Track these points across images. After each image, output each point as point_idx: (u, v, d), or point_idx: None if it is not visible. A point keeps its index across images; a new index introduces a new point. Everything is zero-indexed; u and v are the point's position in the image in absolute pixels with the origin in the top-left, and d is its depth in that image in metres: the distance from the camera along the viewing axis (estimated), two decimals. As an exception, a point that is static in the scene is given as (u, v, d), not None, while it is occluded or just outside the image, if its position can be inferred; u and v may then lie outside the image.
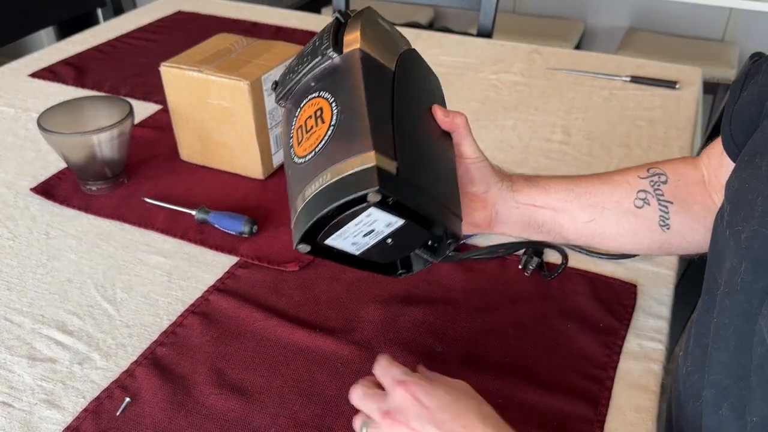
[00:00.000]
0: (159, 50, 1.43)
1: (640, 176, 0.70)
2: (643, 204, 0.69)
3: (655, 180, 0.70)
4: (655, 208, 0.69)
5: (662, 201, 0.69)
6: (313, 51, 0.62)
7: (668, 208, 0.69)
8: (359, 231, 0.57)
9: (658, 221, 0.69)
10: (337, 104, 0.58)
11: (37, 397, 0.67)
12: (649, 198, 0.69)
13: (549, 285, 0.80)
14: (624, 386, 0.68)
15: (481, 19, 1.58)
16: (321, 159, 0.56)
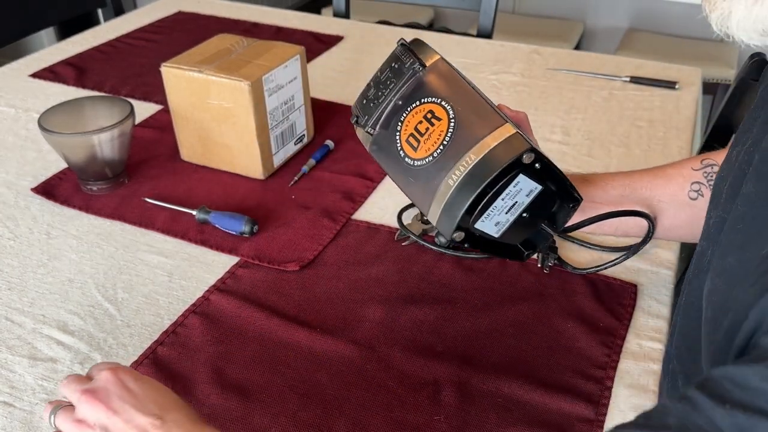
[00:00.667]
0: (159, 50, 1.43)
1: (694, 168, 0.72)
2: (697, 195, 0.71)
3: (708, 171, 0.71)
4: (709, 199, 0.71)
5: None
6: (396, 73, 0.67)
7: None
8: (504, 206, 0.61)
9: None
10: (446, 101, 0.62)
11: (38, 396, 0.68)
12: (703, 189, 0.71)
13: (549, 285, 0.80)
14: (624, 386, 0.69)
15: (481, 20, 1.59)
16: (453, 149, 0.60)
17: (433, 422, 0.64)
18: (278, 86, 0.97)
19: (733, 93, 1.10)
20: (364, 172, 1.02)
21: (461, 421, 0.65)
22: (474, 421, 0.65)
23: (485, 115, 0.61)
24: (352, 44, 1.46)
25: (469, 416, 0.65)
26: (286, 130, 1.02)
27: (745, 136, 0.56)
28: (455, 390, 0.67)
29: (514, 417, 0.65)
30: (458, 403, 0.66)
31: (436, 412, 0.65)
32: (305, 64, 1.02)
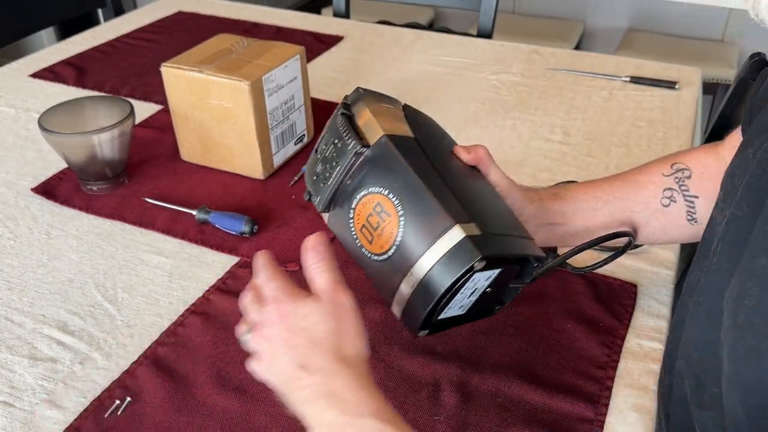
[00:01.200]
0: (159, 50, 1.43)
1: (664, 174, 0.72)
2: (669, 202, 0.71)
3: (680, 176, 0.71)
4: (682, 205, 0.71)
5: (688, 197, 0.71)
6: (339, 152, 0.64)
7: (694, 202, 0.71)
8: (464, 296, 0.60)
9: (686, 216, 0.71)
10: (393, 195, 0.60)
11: (38, 396, 0.68)
12: (675, 195, 0.71)
13: (549, 285, 0.80)
14: (624, 386, 0.69)
15: (481, 20, 1.59)
16: (405, 251, 0.58)
17: (433, 422, 0.64)
18: (278, 86, 0.97)
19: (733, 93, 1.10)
20: (364, 172, 1.02)
21: (461, 421, 0.65)
22: (474, 421, 0.65)
23: (432, 214, 0.58)
24: (352, 44, 1.46)
25: (469, 416, 0.65)
26: (286, 130, 1.02)
27: (763, 135, 0.55)
28: (455, 390, 0.67)
29: (514, 417, 0.65)
30: (458, 403, 0.66)
31: (436, 412, 0.65)
32: (305, 64, 1.02)
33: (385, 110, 0.67)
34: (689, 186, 0.71)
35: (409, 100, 1.23)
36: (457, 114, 1.19)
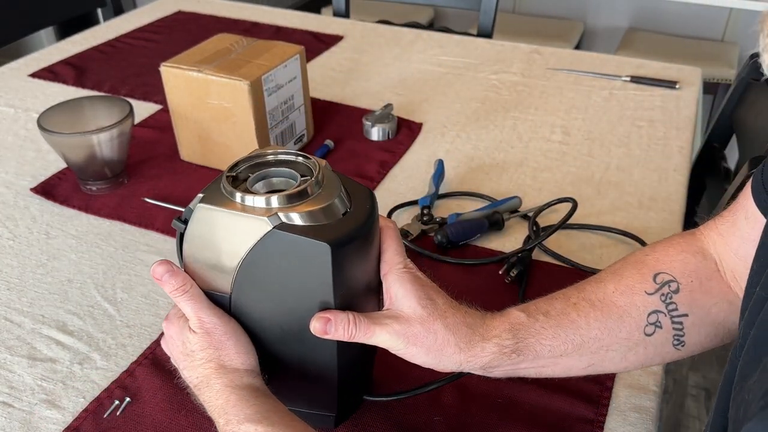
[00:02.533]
0: (159, 50, 1.43)
1: (648, 292, 0.58)
2: (654, 330, 0.58)
3: (666, 292, 0.57)
4: (669, 330, 0.58)
5: (676, 319, 0.57)
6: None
7: (683, 323, 0.58)
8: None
9: (672, 342, 0.58)
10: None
11: (37, 397, 0.67)
12: (662, 319, 0.57)
13: (549, 285, 0.80)
14: (624, 386, 0.68)
15: (481, 19, 1.58)
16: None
17: (433, 422, 0.64)
18: (278, 86, 0.97)
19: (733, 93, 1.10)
20: (364, 171, 1.02)
21: (461, 421, 0.65)
22: (473, 422, 0.64)
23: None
24: (352, 44, 1.46)
25: (468, 416, 0.65)
26: (286, 129, 1.02)
27: None
28: (455, 390, 0.67)
29: (513, 417, 0.65)
30: (458, 403, 0.66)
31: (436, 413, 0.65)
32: (305, 63, 1.02)
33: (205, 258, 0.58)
34: (677, 303, 0.57)
35: (409, 100, 1.23)
36: (457, 114, 1.19)
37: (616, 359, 0.59)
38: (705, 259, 0.59)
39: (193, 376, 0.56)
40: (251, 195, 0.54)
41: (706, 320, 0.58)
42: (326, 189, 0.56)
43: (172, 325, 0.59)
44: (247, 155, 0.59)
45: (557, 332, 0.57)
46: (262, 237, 0.53)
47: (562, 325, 0.57)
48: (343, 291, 0.54)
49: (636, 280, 0.58)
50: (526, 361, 0.58)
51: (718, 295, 0.58)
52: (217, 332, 0.56)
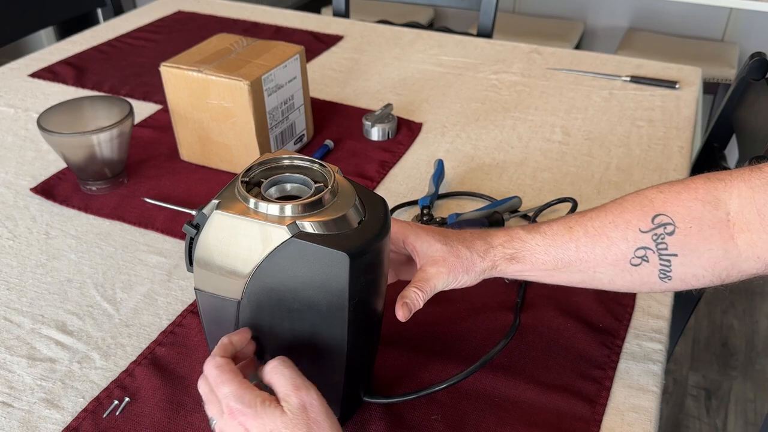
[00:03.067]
0: (159, 50, 1.43)
1: (642, 229, 0.61)
2: (641, 262, 0.62)
3: (660, 233, 0.61)
4: (656, 264, 0.61)
5: (664, 256, 0.61)
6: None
7: (671, 261, 0.61)
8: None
9: (659, 275, 0.62)
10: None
11: (36, 396, 0.67)
12: (649, 255, 0.61)
13: (549, 285, 0.80)
14: (623, 386, 0.68)
15: (481, 19, 1.58)
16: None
17: (431, 421, 0.64)
18: (278, 86, 0.97)
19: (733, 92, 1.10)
20: (364, 171, 1.02)
21: (459, 420, 0.65)
22: (471, 421, 0.64)
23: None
24: (352, 44, 1.46)
25: (466, 416, 0.65)
26: (286, 129, 1.02)
27: None
28: (452, 390, 0.67)
29: (510, 416, 0.65)
30: (455, 403, 0.66)
31: (434, 412, 0.65)
32: (305, 63, 1.02)
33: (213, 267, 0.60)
34: (669, 243, 0.60)
35: (409, 100, 1.23)
36: (456, 114, 1.19)
37: (605, 280, 0.64)
38: (715, 209, 0.60)
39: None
40: (268, 202, 0.54)
41: (696, 263, 0.60)
42: (341, 197, 0.56)
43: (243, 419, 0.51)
44: (260, 160, 0.60)
45: (548, 250, 0.64)
46: (279, 245, 0.53)
47: (554, 245, 0.64)
48: (356, 299, 0.54)
49: (635, 217, 0.62)
50: (525, 269, 0.65)
51: (715, 243, 0.59)
52: (314, 405, 0.52)
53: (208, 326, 0.62)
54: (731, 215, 0.59)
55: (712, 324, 2.07)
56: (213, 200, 0.55)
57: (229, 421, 0.51)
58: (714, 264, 0.60)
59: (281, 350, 0.58)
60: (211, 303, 0.59)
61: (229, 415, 0.51)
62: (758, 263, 0.59)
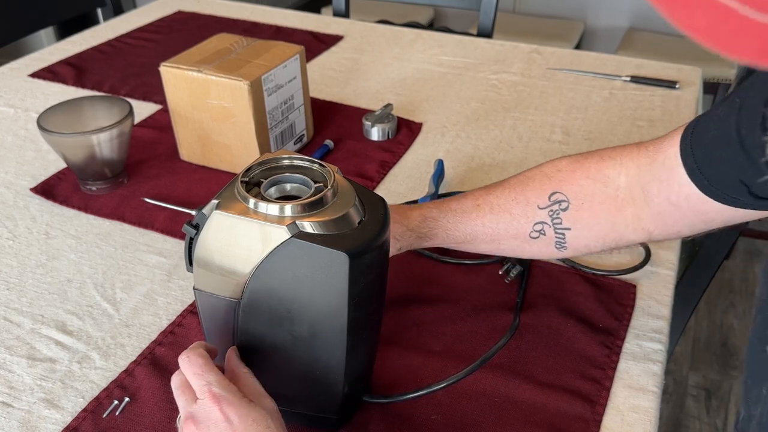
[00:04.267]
0: (159, 50, 1.43)
1: (540, 206, 0.68)
2: (539, 235, 0.68)
3: (555, 209, 0.67)
4: (552, 237, 0.68)
5: (559, 229, 0.68)
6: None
7: (565, 234, 0.68)
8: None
9: (555, 245, 0.69)
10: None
11: (36, 396, 0.67)
12: (546, 229, 0.68)
13: (549, 285, 0.80)
14: (623, 386, 0.68)
15: (481, 19, 1.58)
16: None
17: (431, 421, 0.64)
18: (277, 86, 0.97)
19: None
20: (364, 171, 1.02)
21: (459, 420, 0.65)
22: (471, 421, 0.64)
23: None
24: (352, 44, 1.46)
25: (465, 415, 0.65)
26: (286, 129, 1.02)
27: None
28: (452, 389, 0.67)
29: (510, 416, 0.65)
30: (455, 403, 0.66)
31: (434, 412, 0.65)
32: (305, 63, 1.02)
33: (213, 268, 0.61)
34: (563, 218, 0.67)
35: (409, 100, 1.23)
36: (457, 114, 1.19)
37: (508, 250, 0.71)
38: (605, 186, 0.66)
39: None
40: (268, 202, 0.54)
41: (587, 235, 0.67)
42: (341, 197, 0.56)
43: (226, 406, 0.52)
44: (260, 160, 0.60)
45: (458, 227, 0.70)
46: (279, 245, 0.53)
47: (463, 221, 0.70)
48: (356, 299, 0.54)
49: (534, 194, 0.69)
50: (437, 243, 0.72)
51: (604, 217, 0.66)
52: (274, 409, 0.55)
53: (207, 326, 0.62)
54: (620, 191, 0.66)
55: (712, 324, 2.07)
56: (213, 200, 0.55)
57: (209, 405, 0.52)
58: (604, 235, 0.67)
59: (281, 350, 0.58)
60: (211, 303, 0.59)
61: (211, 400, 0.52)
62: (643, 234, 0.66)
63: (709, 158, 0.59)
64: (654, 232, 0.65)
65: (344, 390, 0.60)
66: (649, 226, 0.65)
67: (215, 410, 0.51)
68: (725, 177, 0.57)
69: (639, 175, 0.65)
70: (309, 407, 0.62)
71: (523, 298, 0.78)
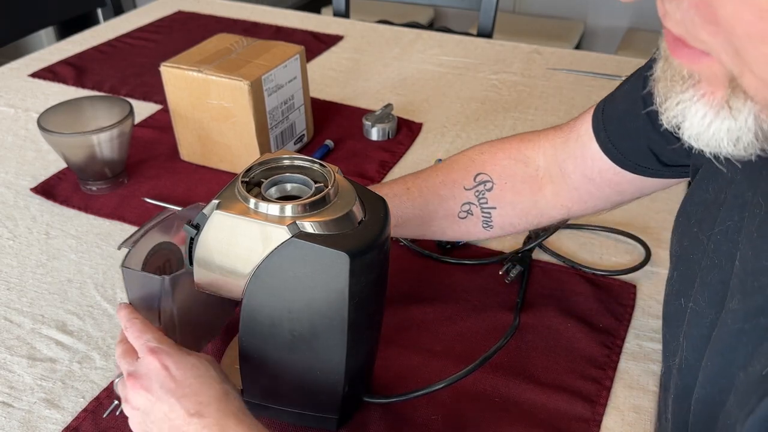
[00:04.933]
0: (159, 50, 1.43)
1: (466, 187, 0.71)
2: (467, 215, 0.72)
3: (481, 189, 0.71)
4: (478, 216, 0.72)
5: (485, 209, 0.71)
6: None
7: (491, 213, 0.71)
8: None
9: (482, 225, 0.72)
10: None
11: (36, 396, 0.67)
12: (473, 209, 0.71)
13: (549, 285, 0.80)
14: (623, 386, 0.68)
15: (481, 19, 1.58)
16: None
17: (430, 421, 0.64)
18: (278, 86, 0.97)
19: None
20: (364, 171, 1.02)
21: (458, 420, 0.65)
22: (471, 421, 0.64)
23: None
24: (352, 44, 1.46)
25: (466, 415, 0.65)
26: (286, 129, 1.02)
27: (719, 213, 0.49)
28: (452, 389, 0.67)
29: (510, 416, 0.65)
30: (455, 403, 0.66)
31: (434, 412, 0.65)
32: (305, 63, 1.02)
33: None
34: (488, 198, 0.71)
35: (409, 100, 1.23)
36: (457, 114, 1.19)
37: (438, 232, 0.74)
38: (526, 166, 0.71)
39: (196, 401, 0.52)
40: (269, 202, 0.54)
41: (511, 213, 0.71)
42: (342, 197, 0.56)
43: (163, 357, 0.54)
44: (261, 160, 0.60)
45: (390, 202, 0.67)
46: (279, 245, 0.53)
47: (394, 205, 0.70)
48: (356, 299, 0.54)
49: (460, 176, 0.71)
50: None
51: (526, 195, 0.71)
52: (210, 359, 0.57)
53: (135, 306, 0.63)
54: (540, 170, 0.70)
55: (712, 324, 2.07)
56: (213, 200, 0.55)
57: (148, 359, 0.54)
58: (526, 213, 0.71)
59: (281, 350, 0.58)
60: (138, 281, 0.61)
61: (149, 353, 0.55)
62: (563, 210, 0.70)
63: (620, 131, 0.63)
64: (572, 207, 0.70)
65: (344, 390, 0.60)
66: (567, 202, 0.70)
67: (154, 362, 0.54)
68: (636, 148, 0.61)
69: (555, 155, 0.69)
70: (309, 407, 0.62)
71: (523, 298, 0.78)
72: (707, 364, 0.46)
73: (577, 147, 0.67)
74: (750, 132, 0.36)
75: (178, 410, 0.52)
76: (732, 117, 0.36)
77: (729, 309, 0.45)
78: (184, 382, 0.53)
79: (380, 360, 0.69)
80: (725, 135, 0.37)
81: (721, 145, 0.37)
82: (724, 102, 0.36)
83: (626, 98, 0.63)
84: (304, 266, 0.53)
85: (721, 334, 0.45)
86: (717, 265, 0.47)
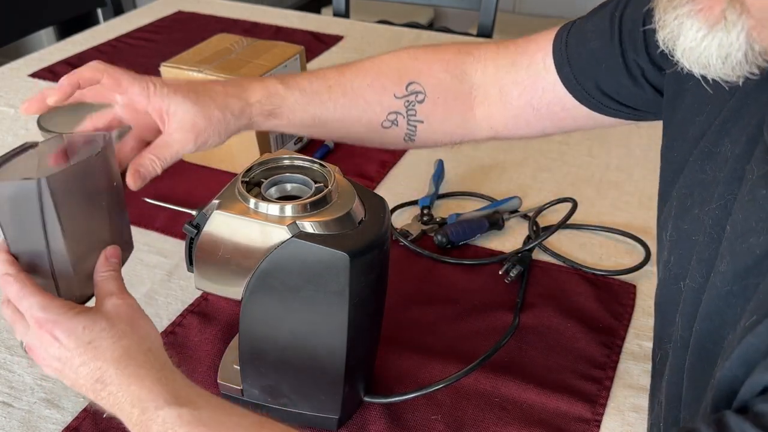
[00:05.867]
0: (159, 50, 1.43)
1: (396, 95, 0.66)
2: (391, 125, 0.67)
3: (411, 100, 0.66)
4: (404, 128, 0.67)
5: (412, 121, 0.67)
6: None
7: (416, 127, 0.67)
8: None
9: (404, 137, 0.68)
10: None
11: (36, 396, 0.67)
12: (399, 119, 0.67)
13: (549, 285, 0.80)
14: (623, 386, 0.68)
15: (481, 19, 1.58)
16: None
17: (431, 421, 0.64)
18: (278, 86, 0.97)
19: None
20: (364, 171, 1.02)
21: (458, 420, 0.65)
22: (471, 421, 0.64)
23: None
24: (352, 44, 1.46)
25: (465, 416, 0.65)
26: (286, 129, 1.02)
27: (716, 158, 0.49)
28: (452, 390, 0.67)
29: (510, 416, 0.65)
30: (455, 403, 0.66)
31: (434, 412, 0.65)
32: (305, 63, 1.02)
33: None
34: (417, 110, 0.66)
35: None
36: (456, 114, 1.18)
37: (357, 138, 0.69)
38: (461, 83, 0.66)
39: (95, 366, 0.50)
40: (269, 202, 0.54)
41: (437, 129, 0.68)
42: (342, 197, 0.56)
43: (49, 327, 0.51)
44: (261, 160, 0.60)
45: (307, 108, 0.65)
46: (279, 245, 0.53)
47: (312, 104, 0.65)
48: (356, 299, 0.54)
49: (391, 82, 0.66)
50: (282, 124, 0.65)
51: (456, 113, 0.67)
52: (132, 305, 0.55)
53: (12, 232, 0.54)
54: (474, 88, 0.66)
55: (712, 324, 2.07)
56: (213, 200, 0.55)
57: (37, 333, 0.51)
58: (453, 131, 0.68)
59: (281, 350, 0.59)
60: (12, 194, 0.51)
61: (36, 326, 0.51)
62: (490, 132, 0.68)
63: (587, 68, 0.61)
64: (502, 132, 0.67)
65: (344, 390, 0.60)
66: (498, 126, 0.67)
67: (43, 334, 0.51)
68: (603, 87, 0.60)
69: (497, 75, 0.65)
70: (309, 407, 0.62)
71: (523, 298, 0.78)
72: (697, 329, 0.45)
73: (528, 75, 0.64)
74: (740, 51, 0.37)
75: (84, 378, 0.50)
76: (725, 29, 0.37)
77: (718, 271, 0.44)
78: (77, 350, 0.50)
79: (380, 360, 0.69)
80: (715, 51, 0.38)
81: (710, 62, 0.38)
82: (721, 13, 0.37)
83: (598, 36, 0.61)
84: (305, 266, 0.53)
85: (710, 298, 0.44)
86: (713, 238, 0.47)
